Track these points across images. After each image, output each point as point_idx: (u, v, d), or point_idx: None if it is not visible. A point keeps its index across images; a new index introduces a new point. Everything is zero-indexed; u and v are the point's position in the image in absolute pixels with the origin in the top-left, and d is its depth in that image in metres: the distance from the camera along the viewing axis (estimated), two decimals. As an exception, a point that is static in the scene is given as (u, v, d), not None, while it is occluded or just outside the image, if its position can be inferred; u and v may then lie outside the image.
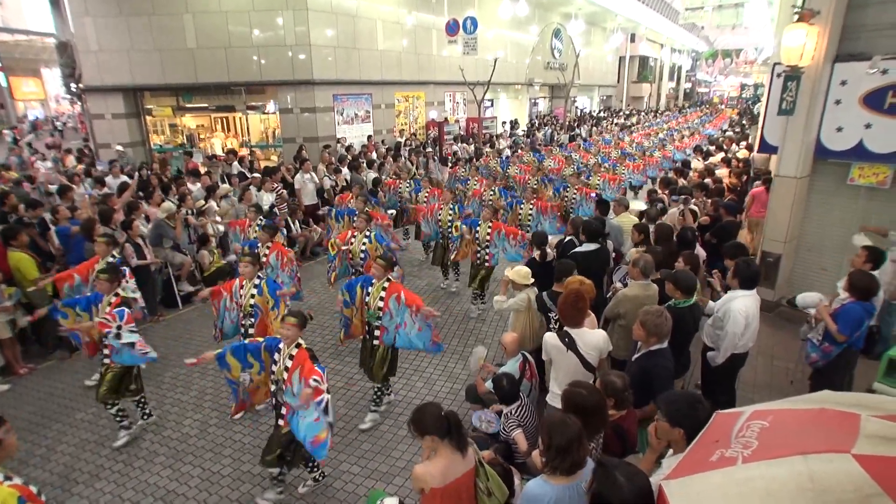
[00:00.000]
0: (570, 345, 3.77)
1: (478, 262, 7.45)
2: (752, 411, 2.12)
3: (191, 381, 6.15)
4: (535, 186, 9.59)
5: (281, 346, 3.98)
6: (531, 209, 8.64)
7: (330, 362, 6.47)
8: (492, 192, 9.74)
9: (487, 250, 7.35)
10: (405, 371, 6.20)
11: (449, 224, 8.06)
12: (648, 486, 2.09)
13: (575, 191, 9.72)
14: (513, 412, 3.87)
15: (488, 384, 4.14)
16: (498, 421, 3.98)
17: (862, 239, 6.01)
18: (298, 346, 3.94)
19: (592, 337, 3.87)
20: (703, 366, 4.87)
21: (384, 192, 10.75)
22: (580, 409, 2.87)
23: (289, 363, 3.88)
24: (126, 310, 4.75)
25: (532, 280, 5.19)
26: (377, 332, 5.10)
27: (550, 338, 3.87)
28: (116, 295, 4.89)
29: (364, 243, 6.81)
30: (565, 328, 3.87)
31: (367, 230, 6.90)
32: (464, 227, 7.43)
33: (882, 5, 6.31)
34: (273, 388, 4.03)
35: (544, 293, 4.95)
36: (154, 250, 7.63)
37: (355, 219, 7.26)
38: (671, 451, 2.68)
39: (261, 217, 7.99)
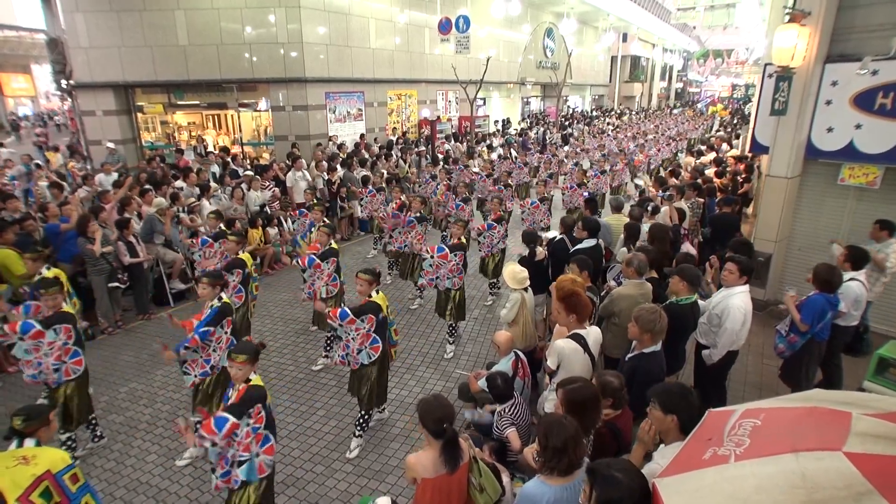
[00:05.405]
0: (585, 346, 3.85)
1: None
2: (744, 410, 2.14)
3: (182, 379, 6.07)
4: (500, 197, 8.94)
5: (232, 389, 3.51)
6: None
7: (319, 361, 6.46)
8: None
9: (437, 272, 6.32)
10: (398, 370, 6.18)
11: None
12: (646, 481, 2.10)
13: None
14: (506, 410, 3.87)
15: (482, 383, 4.14)
16: (491, 418, 3.99)
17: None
18: (247, 381, 3.45)
19: (594, 333, 4.03)
20: (696, 364, 4.90)
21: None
22: (577, 404, 2.89)
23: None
24: (34, 325, 4.27)
25: (527, 284, 5.20)
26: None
27: (566, 343, 3.84)
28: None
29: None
30: (576, 331, 3.90)
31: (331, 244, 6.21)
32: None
33: (872, 7, 6.37)
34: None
35: None
36: (146, 247, 7.59)
37: (317, 231, 6.48)
38: (662, 444, 2.71)
39: (221, 225, 7.22)
